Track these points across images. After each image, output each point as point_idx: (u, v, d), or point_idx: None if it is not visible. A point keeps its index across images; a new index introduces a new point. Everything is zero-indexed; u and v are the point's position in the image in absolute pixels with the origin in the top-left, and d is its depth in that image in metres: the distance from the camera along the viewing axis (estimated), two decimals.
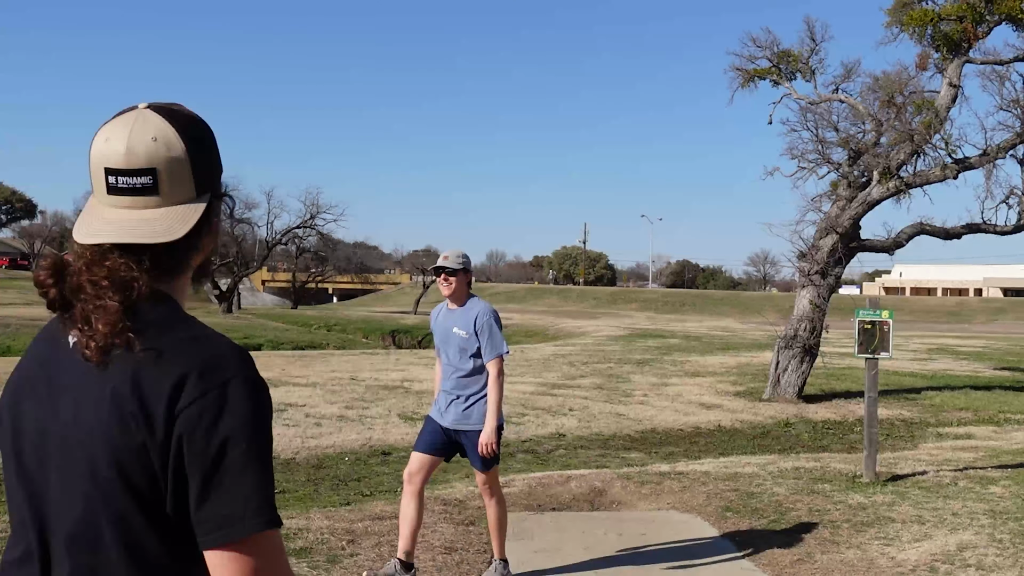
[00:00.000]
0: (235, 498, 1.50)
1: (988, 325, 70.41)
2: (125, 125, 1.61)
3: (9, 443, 1.66)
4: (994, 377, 23.85)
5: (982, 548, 6.73)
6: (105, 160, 1.61)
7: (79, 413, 1.56)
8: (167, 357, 1.54)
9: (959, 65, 17.58)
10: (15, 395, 1.68)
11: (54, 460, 1.58)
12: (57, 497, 1.58)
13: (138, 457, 1.51)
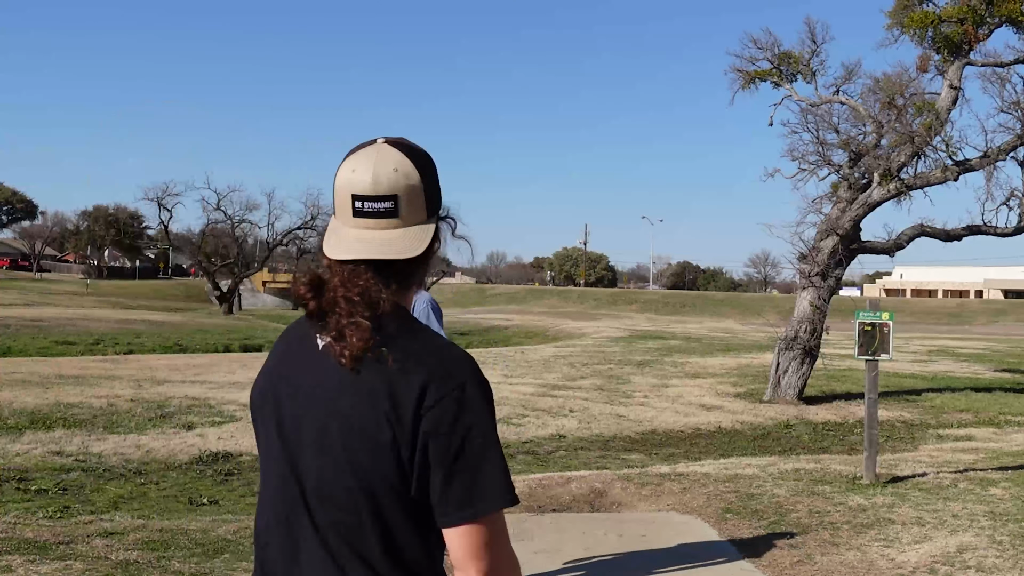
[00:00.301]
0: (477, 482, 1.76)
1: (989, 327, 70.39)
2: (369, 157, 1.85)
3: (272, 428, 1.90)
4: (995, 379, 23.85)
5: (982, 550, 6.73)
6: (352, 187, 1.85)
7: (335, 407, 1.81)
8: (412, 365, 1.79)
9: (960, 67, 17.59)
10: (271, 386, 1.93)
11: (310, 445, 1.83)
12: (313, 475, 1.82)
13: (390, 449, 1.76)
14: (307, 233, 71.55)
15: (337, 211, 1.90)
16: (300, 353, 1.92)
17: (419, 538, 1.81)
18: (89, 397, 15.03)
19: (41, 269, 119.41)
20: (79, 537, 6.66)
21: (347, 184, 1.86)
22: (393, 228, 1.85)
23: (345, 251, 1.85)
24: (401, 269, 1.88)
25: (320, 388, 1.84)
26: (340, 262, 1.86)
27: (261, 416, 1.94)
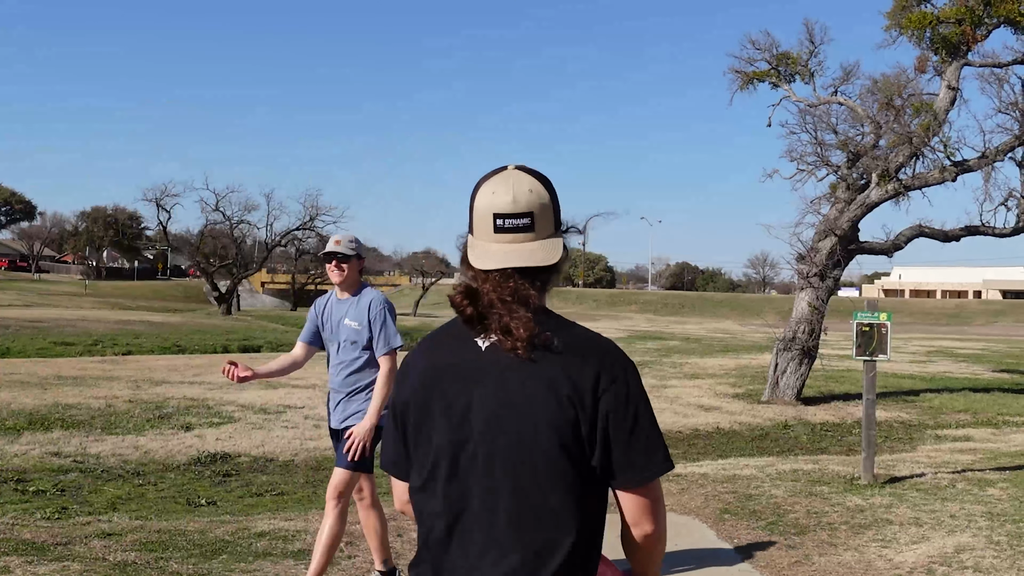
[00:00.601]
0: (648, 453, 2.10)
1: (987, 327, 70.44)
2: (506, 181, 2.17)
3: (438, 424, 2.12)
4: (993, 379, 23.86)
5: (980, 550, 6.73)
6: (494, 207, 2.15)
7: (510, 395, 2.07)
8: (580, 354, 2.09)
9: (958, 68, 17.61)
10: (433, 385, 2.15)
11: (484, 432, 2.07)
12: (485, 462, 2.07)
13: (571, 426, 2.04)
14: (305, 234, 71.65)
15: (476, 229, 2.20)
16: (459, 354, 2.15)
17: (592, 498, 2.12)
18: (87, 398, 15.03)
19: (40, 270, 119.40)
20: (77, 538, 6.66)
21: (489, 205, 2.16)
22: (530, 240, 2.16)
23: (493, 262, 2.14)
24: (540, 275, 2.17)
25: (490, 380, 2.09)
26: (487, 272, 2.15)
27: (418, 420, 2.16)
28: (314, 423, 13.56)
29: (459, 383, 2.11)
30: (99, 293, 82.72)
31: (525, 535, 2.06)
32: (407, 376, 2.21)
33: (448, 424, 2.10)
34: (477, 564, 2.08)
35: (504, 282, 2.12)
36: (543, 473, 2.05)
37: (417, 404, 2.16)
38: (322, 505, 8.79)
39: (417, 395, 2.16)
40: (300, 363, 5.93)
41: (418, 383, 2.17)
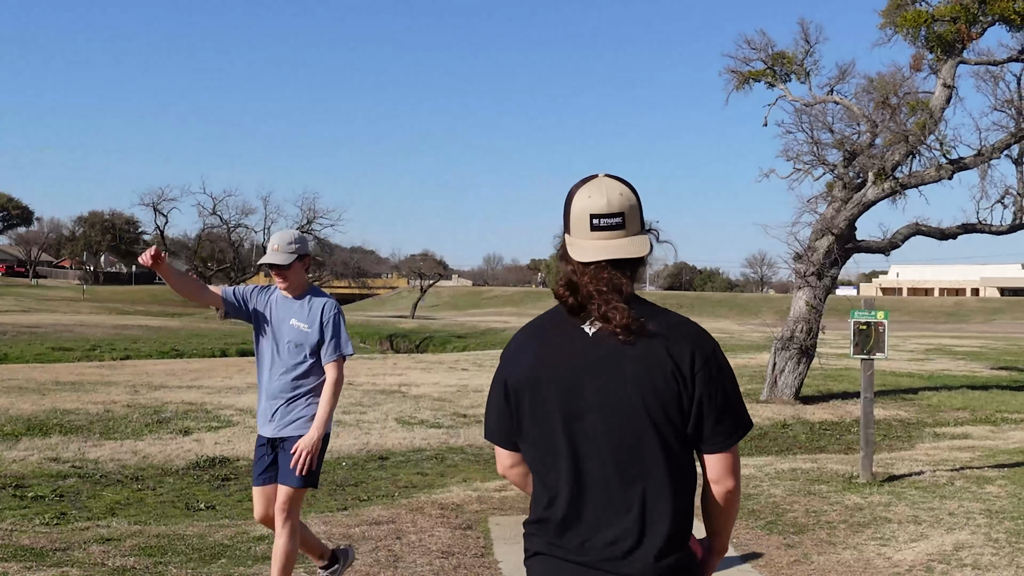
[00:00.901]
0: (736, 420, 2.45)
1: (985, 325, 70.48)
2: (599, 186, 2.49)
3: (551, 402, 2.44)
4: (991, 377, 23.87)
5: (978, 548, 6.74)
6: (590, 209, 2.46)
7: (618, 374, 2.39)
8: (676, 336, 2.42)
9: (953, 66, 17.62)
10: (547, 367, 2.46)
11: (596, 407, 2.40)
12: (597, 431, 2.41)
13: (674, 399, 2.37)
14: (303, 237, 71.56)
15: (573, 228, 2.51)
16: (566, 339, 2.47)
17: (687, 461, 2.44)
18: (85, 403, 15.02)
19: (37, 275, 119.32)
20: (76, 543, 6.66)
21: (585, 207, 2.47)
22: (622, 237, 2.47)
23: (592, 255, 2.45)
24: (630, 267, 2.48)
25: (599, 362, 2.41)
26: (585, 264, 2.46)
27: (533, 396, 2.47)
28: None
29: (571, 365, 2.43)
30: (97, 298, 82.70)
31: (635, 495, 2.39)
32: (519, 358, 2.54)
33: (563, 401, 2.43)
34: (599, 523, 2.40)
35: (599, 274, 2.43)
36: (649, 441, 2.38)
37: (532, 383, 2.47)
38: (321, 509, 8.80)
39: (532, 375, 2.48)
40: (202, 297, 5.36)
41: (532, 364, 2.49)
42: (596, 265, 2.44)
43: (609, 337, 2.40)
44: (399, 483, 10.54)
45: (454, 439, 13.19)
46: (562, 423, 2.43)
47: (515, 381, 2.51)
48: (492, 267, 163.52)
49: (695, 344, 2.42)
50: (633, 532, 2.38)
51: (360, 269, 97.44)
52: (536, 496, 2.52)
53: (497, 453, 2.65)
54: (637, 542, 2.38)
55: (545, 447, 2.47)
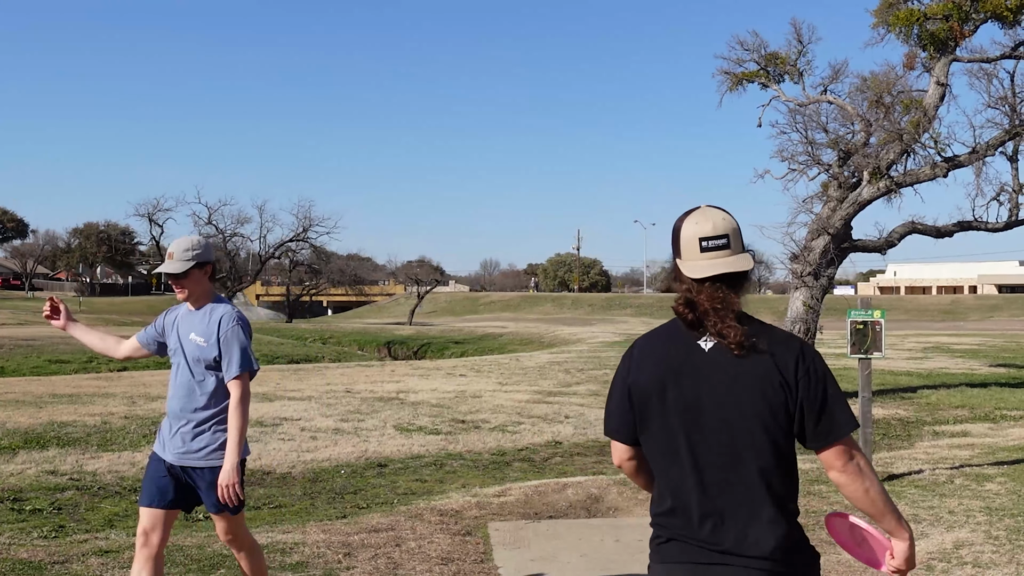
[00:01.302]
0: (837, 419, 2.77)
1: (983, 322, 70.52)
2: (705, 214, 2.90)
3: (672, 407, 2.80)
4: (990, 374, 23.88)
5: (978, 545, 6.72)
6: (699, 233, 2.86)
7: (734, 384, 2.75)
8: (781, 349, 2.78)
9: (946, 64, 17.65)
10: (670, 375, 2.82)
11: (710, 414, 2.76)
12: (715, 435, 2.76)
13: (783, 405, 2.74)
14: (299, 245, 71.57)
15: (683, 252, 2.90)
16: (689, 352, 2.83)
17: (793, 460, 2.84)
18: (83, 415, 14.98)
19: (33, 288, 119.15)
20: (74, 556, 6.63)
21: (694, 232, 2.87)
22: (729, 255, 2.85)
23: (703, 272, 2.83)
24: (738, 284, 2.85)
25: (717, 373, 2.77)
26: (699, 281, 2.83)
27: (658, 401, 2.83)
28: (311, 435, 13.53)
29: (693, 375, 2.79)
30: (94, 310, 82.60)
31: (750, 490, 2.76)
32: (643, 365, 2.90)
33: (684, 408, 2.79)
34: (722, 515, 2.76)
35: (714, 293, 2.80)
36: (760, 444, 2.74)
37: (657, 390, 2.83)
38: (320, 517, 8.77)
39: (656, 381, 2.84)
40: (118, 352, 5.21)
41: (657, 373, 2.85)
42: (710, 283, 2.82)
43: (724, 351, 2.77)
44: (398, 490, 10.52)
45: (453, 445, 13.17)
46: (683, 427, 2.79)
47: (640, 386, 2.88)
48: (489, 272, 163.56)
49: (797, 356, 2.78)
50: (752, 523, 2.74)
51: (357, 276, 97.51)
52: (660, 490, 2.90)
53: (615, 447, 3.03)
54: (758, 531, 2.74)
55: (669, 447, 2.84)
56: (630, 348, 3.00)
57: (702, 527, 2.76)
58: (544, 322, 68.38)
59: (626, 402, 2.90)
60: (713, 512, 2.76)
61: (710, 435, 2.76)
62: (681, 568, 2.80)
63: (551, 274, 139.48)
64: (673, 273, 2.93)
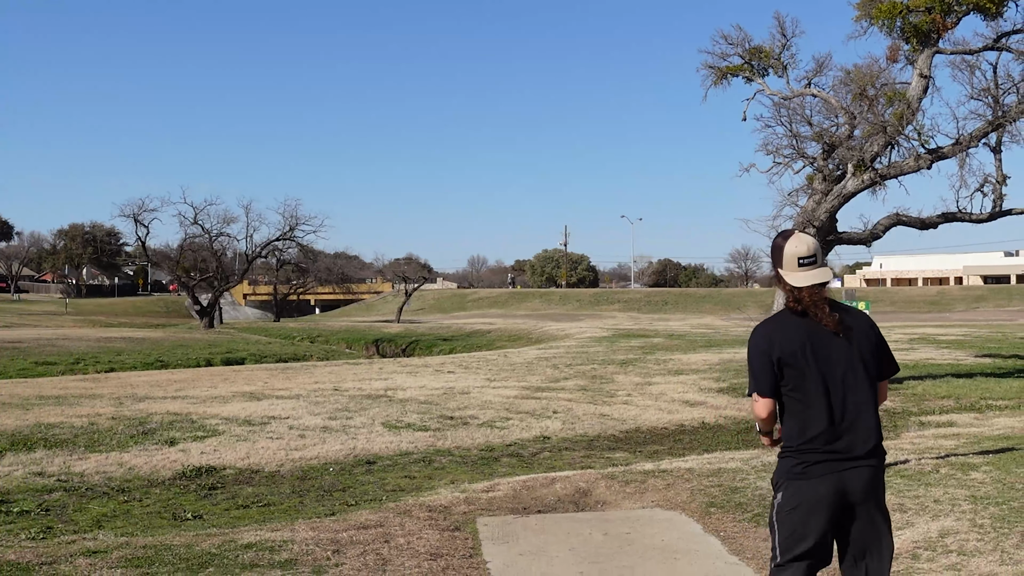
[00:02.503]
0: (893, 362, 4.33)
1: (969, 313, 70.83)
2: (800, 238, 4.22)
3: (814, 366, 4.07)
4: (975, 364, 24.00)
5: (963, 534, 6.77)
6: (798, 253, 4.18)
7: (841, 348, 4.10)
8: (860, 321, 4.22)
9: (929, 56, 17.71)
10: (806, 345, 4.09)
11: (840, 365, 4.10)
12: (839, 379, 4.09)
13: (873, 357, 4.19)
14: (286, 244, 71.34)
15: (785, 265, 4.22)
16: (812, 329, 4.12)
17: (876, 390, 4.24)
18: (70, 417, 14.94)
19: (19, 290, 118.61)
20: (62, 557, 6.62)
21: (794, 252, 4.20)
22: (819, 268, 4.21)
23: (804, 282, 4.17)
24: (824, 286, 4.23)
25: (833, 341, 4.11)
26: (799, 288, 4.17)
27: (798, 362, 4.07)
28: (299, 433, 13.53)
29: (821, 344, 4.10)
30: (80, 311, 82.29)
31: (864, 414, 4.12)
32: (774, 340, 4.13)
33: (819, 366, 4.07)
34: (851, 433, 4.08)
35: (816, 292, 4.16)
36: (863, 382, 4.12)
37: (796, 355, 4.07)
38: (309, 514, 8.78)
39: (801, 348, 4.08)
40: None
41: (800, 343, 4.09)
42: (810, 288, 4.15)
43: (826, 328, 4.11)
44: (387, 487, 10.53)
45: (441, 442, 13.18)
46: (820, 377, 4.07)
47: (781, 354, 4.09)
48: (476, 269, 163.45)
49: (870, 323, 4.28)
50: (870, 435, 4.10)
51: (344, 275, 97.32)
52: (800, 426, 4.09)
53: (763, 403, 4.17)
54: (873, 440, 4.11)
55: (814, 392, 4.07)
56: (760, 332, 4.22)
57: (840, 444, 4.05)
58: (532, 318, 68.41)
59: (771, 367, 4.10)
60: (845, 433, 4.06)
61: (841, 383, 4.07)
62: (830, 478, 4.04)
63: (539, 270, 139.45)
64: (776, 279, 4.31)
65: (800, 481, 4.05)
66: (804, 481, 4.03)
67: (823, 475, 4.02)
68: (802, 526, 4.06)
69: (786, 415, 4.14)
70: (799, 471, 4.05)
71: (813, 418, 4.03)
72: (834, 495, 4.03)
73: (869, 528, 4.14)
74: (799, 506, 4.06)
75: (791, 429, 4.10)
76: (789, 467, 4.09)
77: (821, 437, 4.02)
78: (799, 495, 4.05)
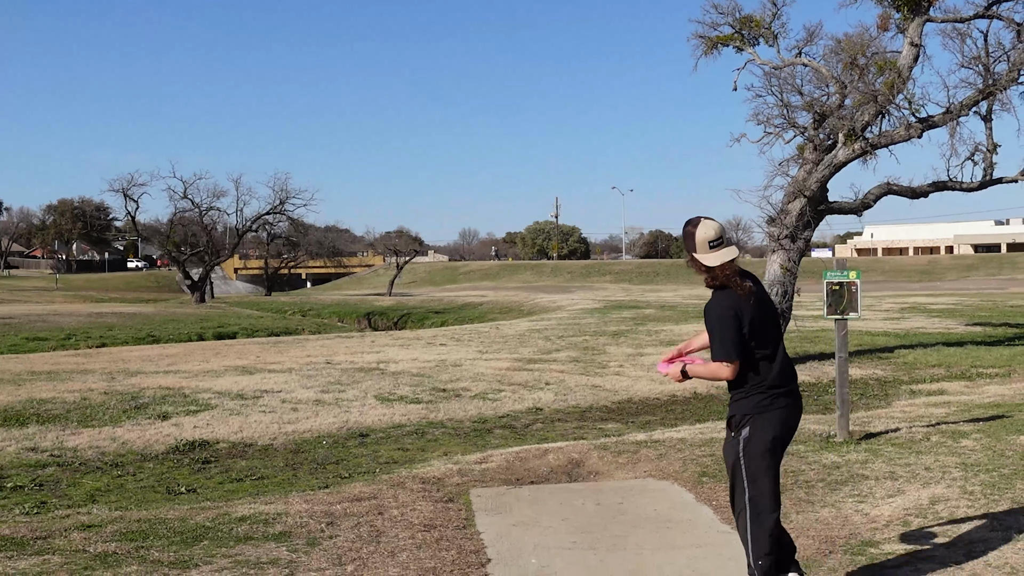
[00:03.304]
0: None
1: (959, 282, 71.02)
2: (707, 224, 4.79)
3: (765, 323, 4.75)
4: (966, 333, 24.10)
5: (954, 501, 6.81)
6: (708, 237, 4.73)
7: (767, 307, 4.86)
8: (760, 286, 4.88)
9: (920, 24, 17.64)
10: (744, 308, 4.67)
11: (769, 321, 4.82)
12: (775, 332, 4.83)
13: (776, 312, 5.05)
14: (276, 218, 71.12)
15: (698, 249, 4.76)
16: (742, 296, 4.69)
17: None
18: (62, 392, 14.93)
19: (8, 266, 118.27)
20: (56, 531, 6.64)
21: (705, 237, 4.73)
22: (727, 248, 4.73)
23: (715, 262, 4.70)
24: (733, 261, 4.74)
25: (756, 303, 4.72)
26: (712, 267, 4.72)
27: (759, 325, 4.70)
28: (291, 407, 13.54)
29: (749, 306, 4.69)
30: (70, 287, 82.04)
31: (788, 358, 4.88)
32: (742, 311, 4.67)
33: (764, 322, 4.75)
34: (792, 379, 4.84)
35: (726, 268, 4.72)
36: (778, 331, 4.86)
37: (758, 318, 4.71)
38: (302, 487, 8.80)
39: (748, 313, 4.68)
40: None
41: (746, 308, 4.68)
42: (719, 266, 4.72)
43: (749, 293, 4.73)
44: (380, 459, 10.56)
45: (434, 414, 13.21)
46: (771, 331, 4.79)
47: (750, 319, 4.68)
48: (468, 242, 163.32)
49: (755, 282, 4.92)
50: (796, 376, 4.91)
51: (335, 248, 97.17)
52: (763, 374, 4.72)
53: (733, 367, 4.67)
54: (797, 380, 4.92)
55: (768, 347, 4.75)
56: (724, 305, 4.70)
57: (791, 382, 4.82)
58: (524, 290, 68.40)
59: (743, 335, 4.65)
60: (790, 376, 4.83)
61: (774, 333, 4.81)
62: (793, 406, 4.81)
63: (529, 242, 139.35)
64: (690, 261, 4.87)
65: (773, 411, 4.72)
66: (779, 410, 4.73)
67: (790, 405, 4.78)
68: (773, 456, 4.79)
69: (748, 370, 4.73)
70: (766, 405, 4.71)
71: (772, 366, 4.73)
72: (793, 422, 4.87)
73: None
74: (775, 438, 4.75)
75: (759, 374, 4.72)
76: (756, 402, 4.72)
77: (783, 383, 4.75)
78: (768, 425, 4.71)
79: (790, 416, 4.80)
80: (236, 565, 5.83)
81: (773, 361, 4.73)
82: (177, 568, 5.76)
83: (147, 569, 5.72)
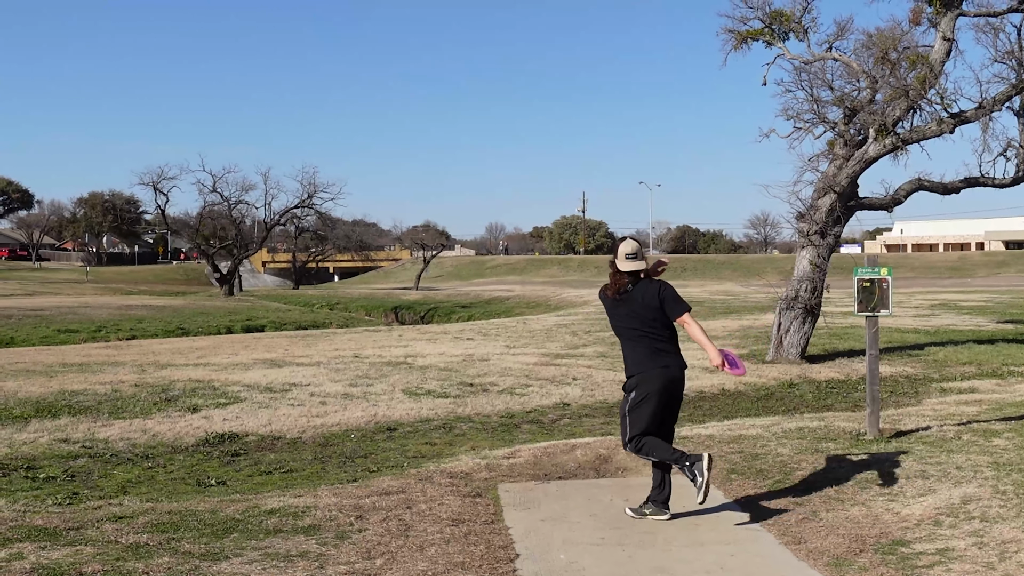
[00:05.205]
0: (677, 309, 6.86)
1: (990, 279, 70.36)
2: (628, 242, 6.95)
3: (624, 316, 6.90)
4: (997, 330, 23.87)
5: (986, 500, 6.76)
6: (626, 251, 6.82)
7: (639, 304, 6.80)
8: (652, 288, 6.82)
9: (952, 18, 17.47)
10: (612, 305, 6.94)
11: (634, 316, 6.84)
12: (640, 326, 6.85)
13: (658, 308, 6.81)
14: (304, 212, 71.48)
15: (619, 259, 6.81)
16: (614, 298, 6.87)
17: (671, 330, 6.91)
18: (93, 384, 15.07)
19: (40, 258, 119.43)
20: (89, 522, 6.70)
21: (624, 251, 6.82)
22: (638, 261, 6.80)
23: (629, 268, 6.78)
24: (641, 270, 6.84)
25: (629, 301, 6.82)
26: (623, 272, 6.82)
27: (614, 313, 6.94)
28: (320, 400, 13.60)
29: (626, 303, 6.80)
30: (100, 279, 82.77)
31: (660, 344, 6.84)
32: (614, 308, 6.90)
33: (628, 315, 6.82)
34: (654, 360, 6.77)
35: (625, 276, 6.77)
36: (654, 323, 6.75)
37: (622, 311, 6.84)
38: (331, 480, 8.84)
39: (606, 305, 6.99)
40: None
41: (608, 303, 6.95)
42: (626, 272, 6.74)
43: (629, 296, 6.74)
44: (408, 453, 10.59)
45: (461, 408, 13.23)
46: (628, 323, 6.80)
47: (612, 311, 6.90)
48: (494, 236, 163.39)
49: (661, 287, 6.74)
50: (673, 358, 6.79)
51: (362, 242, 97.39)
52: (630, 355, 6.84)
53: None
54: (677, 363, 6.80)
55: (631, 335, 6.82)
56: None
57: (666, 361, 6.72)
58: (551, 285, 68.40)
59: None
60: (654, 358, 6.71)
61: (640, 326, 6.72)
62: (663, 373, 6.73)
63: (557, 237, 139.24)
64: (610, 263, 6.86)
65: (655, 380, 6.74)
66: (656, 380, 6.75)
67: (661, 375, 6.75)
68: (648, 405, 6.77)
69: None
70: (648, 374, 6.78)
71: (634, 348, 6.87)
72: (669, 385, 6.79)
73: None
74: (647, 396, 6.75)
75: (632, 357, 6.87)
76: (639, 376, 6.82)
77: (653, 363, 6.75)
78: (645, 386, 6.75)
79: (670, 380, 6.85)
80: (266, 558, 5.86)
81: (639, 348, 6.82)
82: (208, 560, 5.80)
83: (178, 560, 5.76)
